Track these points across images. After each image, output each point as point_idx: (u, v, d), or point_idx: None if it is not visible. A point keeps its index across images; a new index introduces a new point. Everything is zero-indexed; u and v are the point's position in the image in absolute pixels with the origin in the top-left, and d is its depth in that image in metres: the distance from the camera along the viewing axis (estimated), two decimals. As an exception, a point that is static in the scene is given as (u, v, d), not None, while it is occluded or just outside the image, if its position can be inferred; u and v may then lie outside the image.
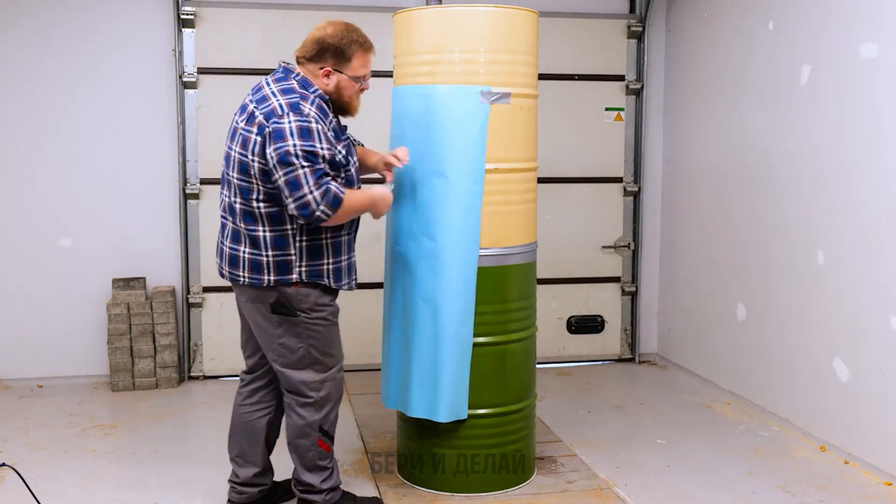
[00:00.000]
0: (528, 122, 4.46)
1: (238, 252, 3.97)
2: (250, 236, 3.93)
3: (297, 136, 3.74)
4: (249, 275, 3.96)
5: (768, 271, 5.71)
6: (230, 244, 4.01)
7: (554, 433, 5.45)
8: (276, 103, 3.82)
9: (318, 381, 4.08)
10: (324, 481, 4.16)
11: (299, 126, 3.76)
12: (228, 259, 4.02)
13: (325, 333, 4.07)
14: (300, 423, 4.10)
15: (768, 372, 5.75)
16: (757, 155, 5.79)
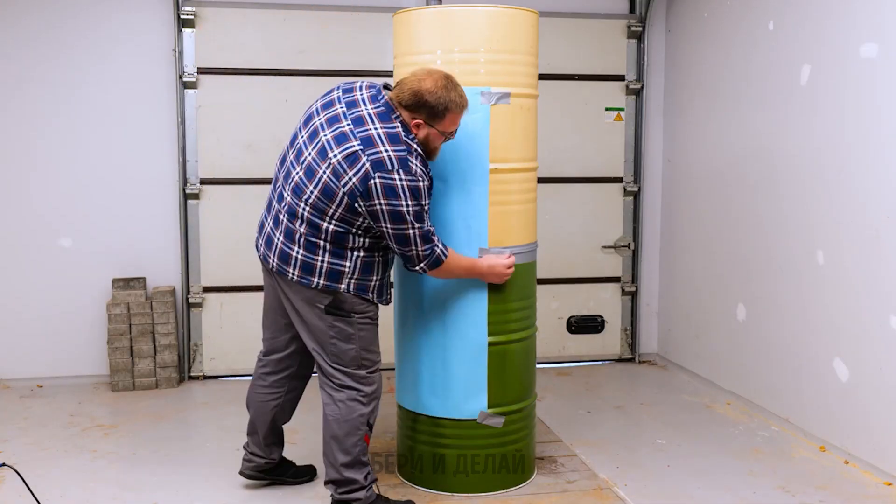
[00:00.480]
0: (528, 123, 4.46)
1: (291, 251, 4.06)
2: (309, 241, 4.01)
3: (409, 197, 3.87)
4: (300, 274, 4.05)
5: (768, 271, 5.71)
6: (283, 240, 4.08)
7: (554, 433, 5.45)
8: (385, 155, 3.87)
9: (369, 377, 4.20)
10: (366, 476, 4.23)
11: (411, 187, 3.87)
12: (279, 253, 4.09)
13: (372, 333, 4.21)
14: (351, 416, 4.16)
15: (768, 372, 5.75)
16: (757, 155, 5.80)
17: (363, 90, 4.07)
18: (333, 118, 4.00)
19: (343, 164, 3.87)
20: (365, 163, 3.84)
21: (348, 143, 3.89)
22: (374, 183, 3.83)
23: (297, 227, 4.01)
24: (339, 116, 3.98)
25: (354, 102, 4.02)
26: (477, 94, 4.26)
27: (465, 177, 4.32)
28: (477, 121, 4.28)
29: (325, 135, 3.97)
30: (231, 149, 6.49)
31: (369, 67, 6.55)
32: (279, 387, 4.47)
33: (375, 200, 3.84)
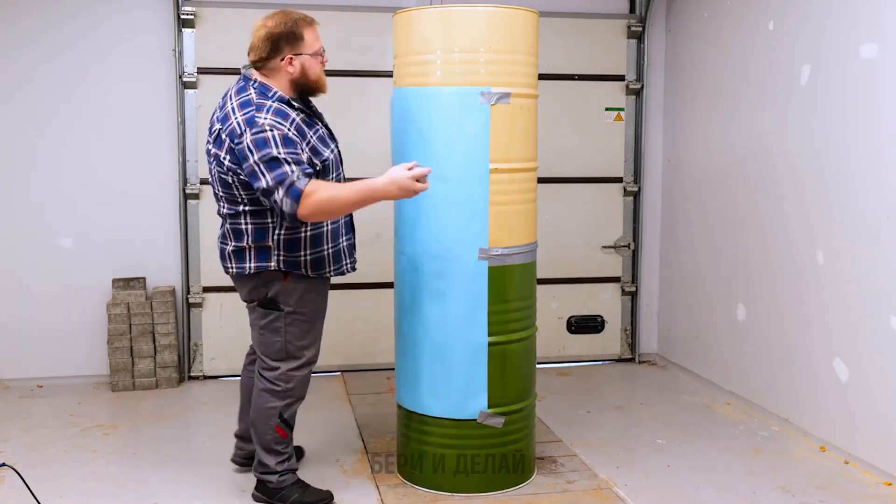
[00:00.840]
0: (528, 122, 4.46)
1: (226, 246, 4.25)
2: (235, 230, 4.18)
3: (254, 149, 3.90)
4: (235, 264, 4.24)
5: (768, 271, 5.71)
6: (221, 240, 4.31)
7: (554, 433, 5.46)
8: (236, 122, 3.99)
9: (287, 373, 4.31)
10: (279, 463, 4.38)
11: (254, 140, 3.91)
12: (220, 253, 4.33)
13: (305, 330, 4.30)
14: (264, 406, 4.33)
15: (768, 372, 5.76)
16: (757, 155, 5.80)
17: (231, 89, 4.20)
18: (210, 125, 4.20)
19: (216, 150, 4.09)
20: (225, 139, 4.01)
21: (214, 128, 4.12)
22: (237, 150, 3.96)
23: (225, 224, 4.23)
24: (214, 122, 4.16)
25: (223, 104, 4.16)
26: (477, 94, 4.27)
27: (464, 177, 4.32)
28: (477, 121, 4.28)
29: (209, 142, 4.16)
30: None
31: (369, 67, 6.56)
32: None
33: (245, 163, 3.94)
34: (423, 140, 4.35)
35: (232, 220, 4.18)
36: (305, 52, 4.09)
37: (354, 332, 6.73)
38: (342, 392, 6.31)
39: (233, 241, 4.20)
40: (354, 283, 6.56)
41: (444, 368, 4.45)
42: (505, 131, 4.34)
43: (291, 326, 4.25)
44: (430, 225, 4.39)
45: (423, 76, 4.35)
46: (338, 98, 6.61)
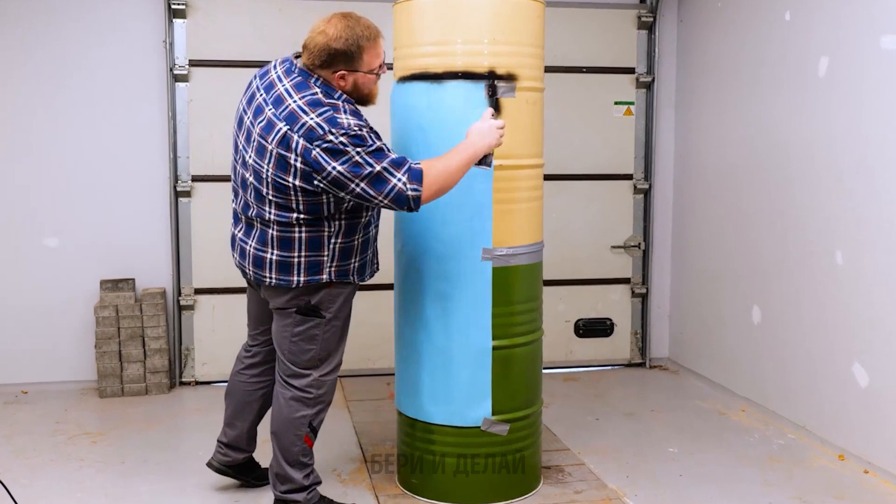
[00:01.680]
0: (534, 117, 4.47)
1: (265, 254, 4.11)
2: (282, 238, 4.06)
3: (354, 146, 3.83)
4: (277, 276, 4.11)
5: (785, 272, 5.71)
6: (256, 245, 4.14)
7: (561, 441, 5.46)
8: (312, 122, 3.85)
9: (319, 379, 4.26)
10: (306, 477, 4.32)
11: (351, 138, 3.83)
12: (253, 260, 4.16)
13: (338, 335, 4.29)
14: (293, 416, 4.26)
15: (785, 377, 5.76)
16: (773, 150, 5.80)
17: (277, 68, 4.11)
18: (258, 109, 4.04)
19: (280, 151, 3.90)
20: (298, 140, 3.85)
21: (275, 127, 3.92)
22: (317, 153, 3.82)
23: (269, 230, 4.07)
24: (262, 105, 4.03)
25: (271, 84, 4.05)
26: (481, 87, 4.27)
27: (468, 174, 4.32)
28: (480, 115, 4.28)
29: (255, 130, 4.02)
30: (224, 144, 6.49)
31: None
32: (269, 375, 4.59)
33: (329, 167, 3.82)
34: (424, 136, 4.35)
35: (282, 228, 4.03)
36: (361, 71, 4.01)
37: (352, 335, 6.68)
38: (340, 398, 6.31)
39: (277, 250, 4.07)
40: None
41: (446, 373, 4.45)
42: (510, 126, 4.34)
43: (329, 333, 4.22)
44: (431, 224, 4.39)
45: (423, 69, 4.35)
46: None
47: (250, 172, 4.06)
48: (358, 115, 3.96)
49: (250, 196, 4.10)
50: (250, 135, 4.05)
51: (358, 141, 3.83)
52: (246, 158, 4.07)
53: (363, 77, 4.02)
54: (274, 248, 4.07)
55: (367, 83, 4.05)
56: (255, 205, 4.09)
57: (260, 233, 4.11)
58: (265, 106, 4.00)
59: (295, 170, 3.87)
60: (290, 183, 3.91)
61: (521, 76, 4.35)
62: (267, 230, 4.07)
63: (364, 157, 3.82)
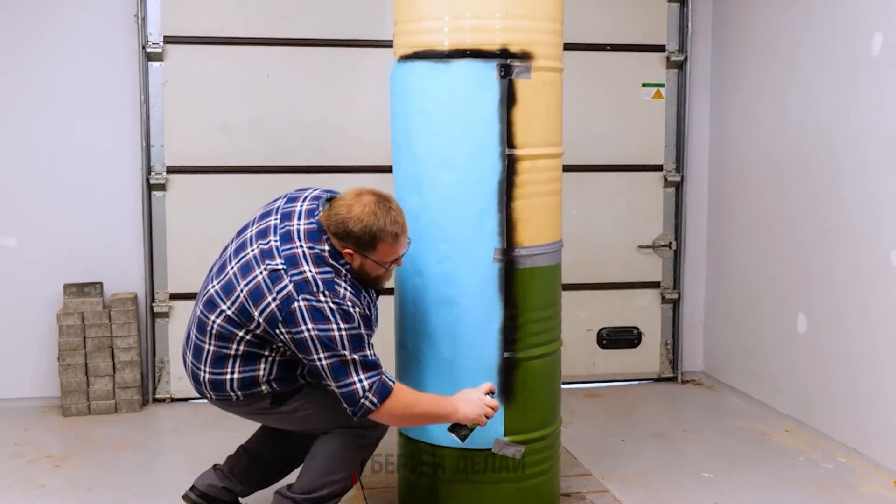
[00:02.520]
0: (552, 101, 4.46)
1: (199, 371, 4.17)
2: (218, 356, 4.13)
3: (340, 319, 3.89)
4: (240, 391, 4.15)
5: (833, 275, 5.70)
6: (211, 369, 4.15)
7: (582, 465, 5.46)
8: (310, 275, 3.94)
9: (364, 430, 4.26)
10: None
11: (342, 310, 3.91)
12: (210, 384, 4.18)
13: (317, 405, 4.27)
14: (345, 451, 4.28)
15: (833, 393, 5.75)
16: (819, 139, 5.79)
17: (305, 201, 4.19)
18: (264, 231, 4.13)
19: (266, 282, 3.97)
20: (288, 284, 3.93)
21: (272, 260, 4.00)
22: (298, 306, 3.90)
23: (205, 341, 4.13)
24: (270, 230, 4.12)
25: (289, 215, 4.14)
26: (492, 67, 4.27)
27: (477, 165, 4.32)
28: (491, 99, 4.28)
29: (253, 249, 4.09)
30: (203, 131, 6.51)
31: (365, 36, 6.56)
32: None
33: (302, 325, 3.89)
34: (428, 122, 4.35)
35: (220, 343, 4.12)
36: (371, 258, 4.06)
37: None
38: (333, 417, 6.31)
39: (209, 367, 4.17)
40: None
41: (452, 389, 4.43)
42: (525, 111, 4.34)
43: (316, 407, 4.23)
44: (436, 221, 4.39)
45: (428, 47, 4.35)
46: (325, 73, 6.62)
47: (220, 282, 4.13)
48: (356, 292, 4.03)
49: (202, 301, 4.18)
50: (244, 248, 4.13)
51: (346, 317, 3.90)
52: (227, 267, 4.15)
53: (371, 264, 4.08)
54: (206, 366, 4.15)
55: (375, 270, 4.12)
56: (201, 311, 4.17)
57: (195, 345, 4.19)
58: (272, 233, 4.09)
59: (267, 308, 3.94)
60: (255, 317, 3.98)
61: (537, 54, 4.35)
62: (203, 343, 4.15)
63: (343, 336, 3.88)
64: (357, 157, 6.60)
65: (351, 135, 6.57)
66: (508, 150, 4.32)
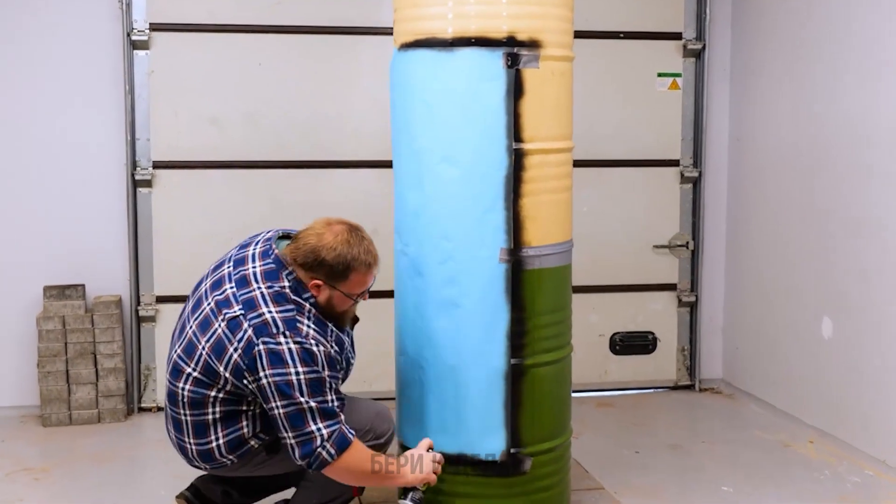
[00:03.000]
0: (561, 92, 4.47)
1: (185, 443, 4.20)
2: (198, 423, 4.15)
3: (299, 362, 3.91)
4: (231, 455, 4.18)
5: (861, 277, 5.70)
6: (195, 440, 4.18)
7: (593, 478, 5.47)
8: (269, 316, 3.97)
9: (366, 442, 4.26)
10: None
11: (301, 351, 3.92)
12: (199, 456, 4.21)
13: None
14: None
15: (860, 402, 5.75)
16: (847, 133, 5.79)
17: (258, 244, 4.23)
18: (218, 282, 4.17)
19: (226, 333, 3.99)
20: (247, 329, 3.96)
21: (229, 308, 4.04)
22: (259, 350, 3.92)
23: (180, 412, 4.16)
24: (224, 279, 4.16)
25: (243, 260, 4.18)
26: (498, 56, 4.27)
27: (481, 159, 4.33)
28: (497, 90, 4.29)
29: (209, 303, 4.12)
30: (192, 124, 6.51)
31: (363, 23, 6.57)
32: None
33: (261, 372, 3.91)
34: (430, 115, 4.36)
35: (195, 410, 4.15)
36: (340, 290, 4.10)
37: (345, 352, 6.75)
38: (329, 427, 6.32)
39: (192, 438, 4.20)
40: (345, 291, 6.58)
41: (456, 398, 4.45)
42: (533, 103, 4.34)
43: None
44: (438, 218, 4.40)
45: (430, 34, 4.35)
46: (321, 62, 6.63)
47: (181, 345, 4.16)
48: (321, 329, 4.05)
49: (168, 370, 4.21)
50: (200, 305, 4.16)
51: (306, 359, 3.92)
52: (186, 328, 4.18)
53: (340, 297, 4.12)
54: (190, 437, 4.18)
55: (342, 304, 4.16)
56: (168, 381, 4.20)
57: (172, 417, 4.22)
58: (227, 281, 4.13)
59: (230, 360, 3.97)
60: (219, 373, 4.01)
61: (546, 42, 4.35)
62: (179, 413, 4.18)
63: (301, 380, 3.90)
64: (355, 151, 6.61)
65: (348, 127, 6.57)
66: (515, 143, 4.33)
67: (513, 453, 4.47)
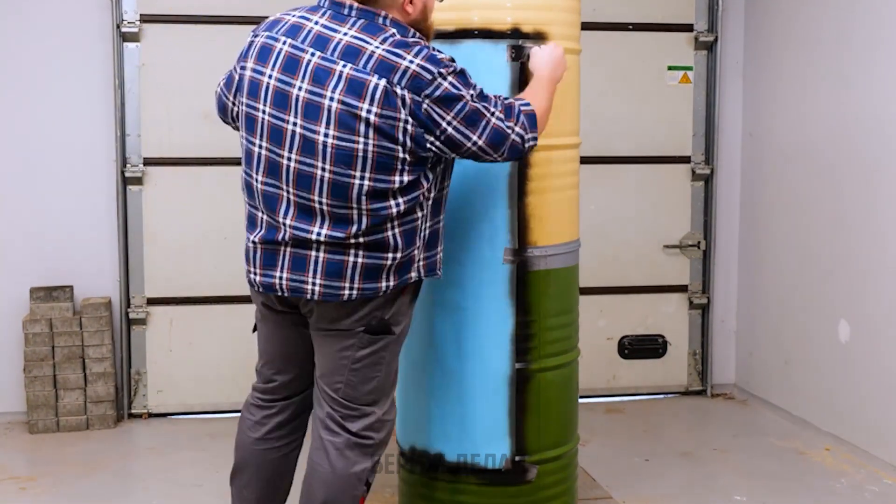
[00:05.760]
0: (568, 86, 4.46)
1: (345, 258, 3.83)
2: (373, 241, 3.83)
3: (464, 87, 3.76)
4: (361, 284, 3.86)
5: (879, 279, 5.70)
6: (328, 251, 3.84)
7: (601, 487, 5.47)
8: (415, 66, 3.68)
9: (381, 419, 4.07)
10: None
11: (456, 77, 3.76)
12: (324, 270, 3.84)
13: (398, 358, 4.13)
14: (349, 471, 4.01)
15: (879, 409, 5.75)
16: (866, 129, 5.79)
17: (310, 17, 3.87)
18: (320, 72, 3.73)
19: (384, 114, 3.68)
20: (403, 94, 3.68)
21: (367, 86, 3.68)
22: (428, 106, 3.70)
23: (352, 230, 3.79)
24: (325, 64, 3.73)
25: (321, 38, 3.79)
26: (502, 49, 4.27)
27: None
28: (501, 83, 4.29)
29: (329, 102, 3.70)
30: (184, 120, 6.51)
31: (362, 14, 6.56)
32: (299, 430, 4.33)
33: (443, 122, 3.72)
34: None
35: (373, 232, 3.81)
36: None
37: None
38: (327, 434, 6.31)
39: (364, 250, 3.82)
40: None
41: (459, 404, 4.46)
42: (538, 97, 4.34)
43: (393, 355, 4.05)
44: (441, 218, 4.39)
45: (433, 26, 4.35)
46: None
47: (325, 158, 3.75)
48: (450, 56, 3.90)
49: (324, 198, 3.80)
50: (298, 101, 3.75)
51: (464, 80, 3.78)
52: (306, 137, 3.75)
53: None
54: (360, 249, 3.82)
55: (431, 6, 3.98)
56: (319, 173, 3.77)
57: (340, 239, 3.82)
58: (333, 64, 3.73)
59: (405, 135, 3.72)
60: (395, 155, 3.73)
61: (552, 35, 4.35)
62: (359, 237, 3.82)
63: (477, 102, 3.79)
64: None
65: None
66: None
67: (518, 461, 4.48)
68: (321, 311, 3.93)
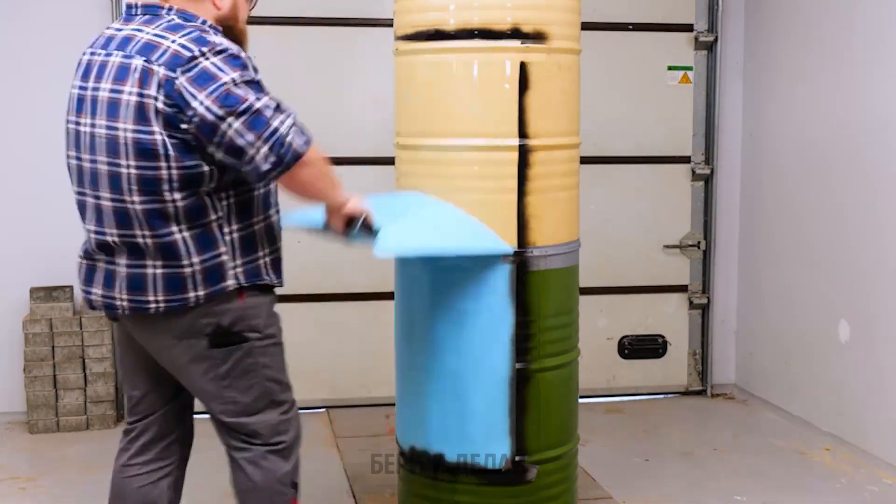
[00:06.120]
0: (568, 86, 4.47)
1: (145, 271, 3.71)
2: (162, 244, 3.66)
3: (228, 69, 3.53)
4: (165, 296, 3.69)
5: (880, 278, 5.71)
6: (129, 262, 3.74)
7: (602, 487, 5.47)
8: (175, 45, 3.54)
9: (284, 420, 3.96)
10: None
11: (225, 58, 3.56)
12: (128, 284, 3.74)
13: (280, 357, 3.95)
14: (269, 480, 3.94)
15: (879, 409, 5.76)
16: (868, 127, 5.79)
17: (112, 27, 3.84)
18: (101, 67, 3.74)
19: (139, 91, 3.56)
20: (158, 71, 3.53)
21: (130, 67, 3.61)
22: (181, 83, 3.50)
23: (135, 231, 3.69)
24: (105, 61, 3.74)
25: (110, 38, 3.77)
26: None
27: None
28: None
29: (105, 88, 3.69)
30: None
31: (362, 14, 6.57)
32: (172, 454, 4.15)
33: (195, 100, 3.48)
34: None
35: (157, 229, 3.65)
36: None
37: (343, 356, 6.74)
38: (327, 434, 6.33)
39: (162, 266, 3.67)
40: (342, 293, 6.58)
41: (459, 404, 4.46)
42: (538, 97, 4.35)
43: (267, 357, 3.83)
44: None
45: (431, 26, 4.35)
46: (318, 55, 6.63)
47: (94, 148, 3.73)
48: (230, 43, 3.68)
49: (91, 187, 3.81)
50: (96, 101, 3.72)
51: (234, 63, 3.56)
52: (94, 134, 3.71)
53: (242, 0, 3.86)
54: (157, 259, 3.68)
55: (244, 9, 3.88)
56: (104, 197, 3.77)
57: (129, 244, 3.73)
58: (110, 57, 3.70)
59: (156, 113, 3.54)
60: (154, 136, 3.56)
61: (552, 35, 4.36)
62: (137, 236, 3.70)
63: (239, 83, 3.53)
64: (353, 147, 6.60)
65: (347, 123, 6.57)
66: (520, 139, 4.33)
67: (517, 461, 4.48)
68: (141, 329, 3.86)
